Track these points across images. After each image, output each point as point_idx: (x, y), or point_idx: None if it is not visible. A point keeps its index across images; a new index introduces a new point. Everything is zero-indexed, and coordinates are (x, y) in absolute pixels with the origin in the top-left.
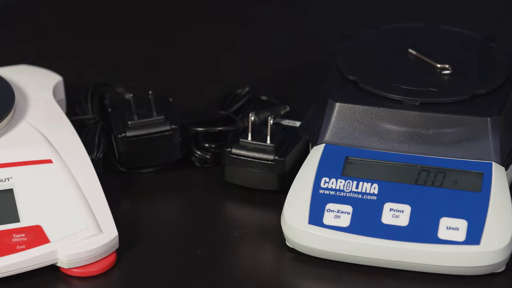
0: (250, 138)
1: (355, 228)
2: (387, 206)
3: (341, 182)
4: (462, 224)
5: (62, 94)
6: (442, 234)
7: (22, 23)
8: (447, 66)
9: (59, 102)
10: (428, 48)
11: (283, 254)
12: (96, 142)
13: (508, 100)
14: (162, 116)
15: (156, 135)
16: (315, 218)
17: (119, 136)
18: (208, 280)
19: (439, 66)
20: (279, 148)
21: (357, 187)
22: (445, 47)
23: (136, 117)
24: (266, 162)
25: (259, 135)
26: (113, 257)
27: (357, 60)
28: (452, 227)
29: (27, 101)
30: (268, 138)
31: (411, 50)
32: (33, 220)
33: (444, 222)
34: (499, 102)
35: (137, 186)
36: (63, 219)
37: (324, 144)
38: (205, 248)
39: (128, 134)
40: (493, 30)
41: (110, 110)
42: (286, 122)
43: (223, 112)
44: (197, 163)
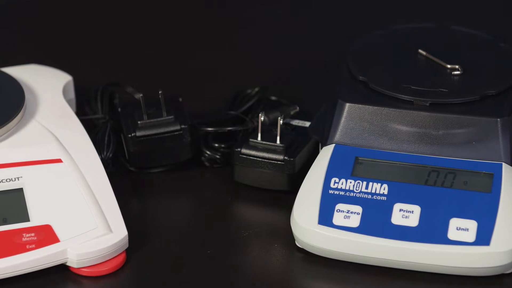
0: (259, 138)
1: (364, 228)
2: (397, 206)
3: (350, 183)
4: (472, 225)
5: (72, 94)
6: (452, 234)
7: (33, 22)
8: (457, 67)
9: (69, 102)
10: (438, 49)
11: (292, 254)
12: (106, 142)
13: None
14: (172, 116)
15: (166, 135)
16: (325, 218)
17: (129, 135)
18: (217, 280)
19: (449, 66)
20: (289, 148)
21: (366, 188)
22: (455, 47)
23: (146, 117)
24: (276, 162)
25: (268, 135)
26: (122, 256)
27: (367, 60)
28: (462, 228)
29: (37, 100)
30: (278, 138)
31: (421, 51)
32: (43, 220)
33: (454, 222)
34: (509, 102)
35: (146, 186)
36: (73, 218)
37: (334, 145)
38: (214, 248)
39: (138, 133)
40: (503, 31)
41: (120, 109)
42: (296, 122)
43: (232, 112)
44: (206, 163)
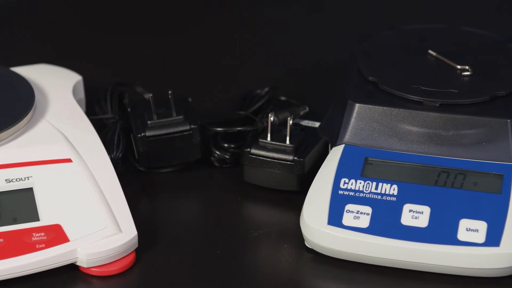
0: (269, 139)
1: (374, 229)
2: (407, 207)
3: (360, 183)
4: (481, 226)
5: (82, 94)
6: (462, 235)
7: (43, 22)
8: (467, 67)
9: (78, 102)
10: (448, 49)
11: (302, 255)
12: (115, 142)
13: None
14: (182, 116)
15: (176, 135)
16: (334, 218)
17: (139, 135)
18: (226, 280)
19: (459, 67)
20: (298, 149)
21: (376, 188)
22: (465, 48)
23: (155, 117)
24: (285, 163)
25: (278, 135)
26: (132, 256)
27: (377, 61)
28: (471, 229)
29: (47, 100)
30: (288, 138)
31: (431, 51)
32: (52, 219)
33: (464, 223)
34: None
35: (156, 186)
36: (82, 218)
37: (343, 145)
38: (223, 248)
39: (147, 133)
40: None
41: (129, 109)
42: (305, 123)
43: (242, 112)
44: (216, 163)
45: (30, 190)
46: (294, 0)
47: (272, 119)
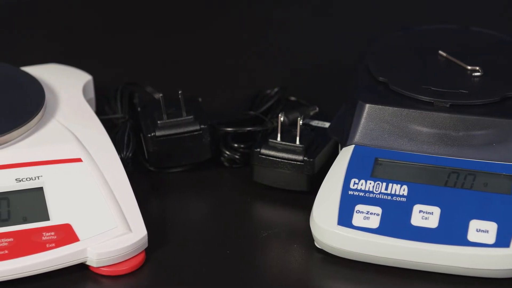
0: (279, 139)
1: (384, 229)
2: (417, 208)
3: (370, 184)
4: (491, 227)
5: (92, 93)
6: (472, 236)
7: (53, 22)
8: (477, 68)
9: (88, 101)
10: (458, 50)
11: (311, 255)
12: (125, 141)
13: None
14: (192, 116)
15: (186, 134)
16: (344, 219)
17: (149, 135)
18: (236, 280)
19: (469, 68)
20: (308, 149)
21: (386, 189)
22: (475, 48)
23: (165, 116)
24: (295, 163)
25: (288, 135)
26: (142, 256)
27: (387, 61)
28: (481, 230)
29: (57, 100)
30: (298, 138)
31: (441, 52)
32: (63, 219)
33: (474, 224)
34: None
35: (166, 185)
36: (92, 217)
37: (353, 145)
38: (233, 248)
39: (157, 133)
40: None
41: (139, 109)
42: (315, 123)
43: (252, 112)
44: (226, 163)
45: (40, 189)
46: (305, 0)
47: (282, 119)
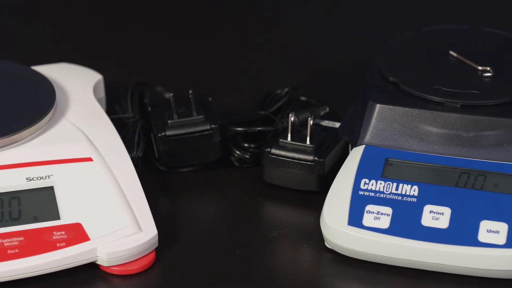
0: (289, 139)
1: (394, 230)
2: (427, 208)
3: (381, 184)
4: (502, 227)
5: (102, 93)
6: (482, 237)
7: (64, 21)
8: (488, 69)
9: (99, 101)
10: (469, 50)
11: (322, 255)
12: (135, 141)
13: None
14: (202, 116)
15: (196, 134)
16: (355, 219)
17: (159, 135)
18: (246, 280)
19: (480, 68)
20: (319, 149)
21: (397, 189)
22: (486, 49)
23: (176, 116)
24: (306, 163)
25: (298, 135)
26: (152, 255)
27: (397, 61)
28: (492, 230)
29: (68, 99)
30: (308, 138)
31: (452, 52)
32: (73, 218)
33: (484, 225)
34: None
35: (176, 185)
36: (103, 217)
37: (364, 146)
38: (243, 248)
39: (168, 133)
40: None
41: (149, 109)
42: (326, 123)
43: (262, 112)
44: (236, 163)
45: (51, 188)
46: (316, 0)
47: (292, 119)
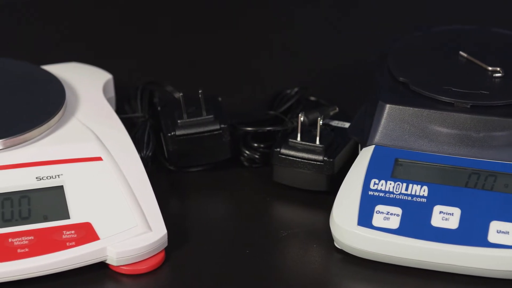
0: (299, 139)
1: (404, 230)
2: (437, 208)
3: (390, 184)
4: None
5: (112, 92)
6: (492, 237)
7: (74, 21)
8: (498, 69)
9: (109, 100)
10: (479, 51)
11: (331, 255)
12: (145, 141)
13: None
14: (212, 115)
15: (206, 134)
16: (364, 219)
17: (169, 134)
18: (255, 280)
19: (490, 68)
20: (328, 149)
21: (406, 189)
22: (496, 49)
23: (185, 116)
24: (315, 163)
25: (308, 135)
26: (161, 255)
27: (407, 61)
28: (502, 231)
29: (78, 98)
30: (317, 138)
31: (462, 53)
32: (83, 217)
33: (494, 225)
34: None
35: (185, 185)
36: (112, 216)
37: (373, 146)
38: (252, 248)
39: (177, 132)
40: None
41: (159, 108)
42: (335, 123)
43: (272, 112)
44: (245, 163)
45: (61, 188)
46: (326, 0)
47: (302, 119)
